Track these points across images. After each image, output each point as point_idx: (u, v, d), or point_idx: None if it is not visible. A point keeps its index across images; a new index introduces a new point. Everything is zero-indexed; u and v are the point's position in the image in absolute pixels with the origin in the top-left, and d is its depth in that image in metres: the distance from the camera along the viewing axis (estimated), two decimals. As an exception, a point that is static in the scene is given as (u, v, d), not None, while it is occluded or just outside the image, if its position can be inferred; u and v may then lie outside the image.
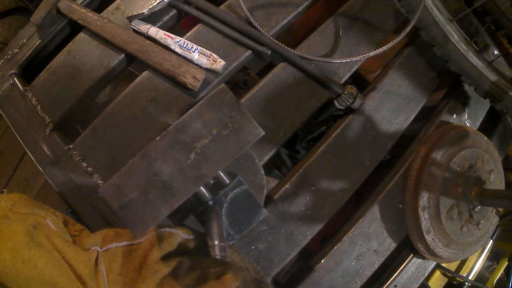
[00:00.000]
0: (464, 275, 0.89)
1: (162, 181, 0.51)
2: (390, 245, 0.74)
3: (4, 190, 1.23)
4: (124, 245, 0.53)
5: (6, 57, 0.79)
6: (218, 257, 0.50)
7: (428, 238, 0.70)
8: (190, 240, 0.54)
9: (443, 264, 0.84)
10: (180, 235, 0.54)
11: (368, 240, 0.73)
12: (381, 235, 0.74)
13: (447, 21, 0.72)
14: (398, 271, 0.75)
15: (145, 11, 0.69)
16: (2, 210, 0.50)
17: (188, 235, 0.54)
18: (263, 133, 0.53)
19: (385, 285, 0.75)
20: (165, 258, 0.52)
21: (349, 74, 0.77)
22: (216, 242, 0.51)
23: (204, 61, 0.69)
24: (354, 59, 0.72)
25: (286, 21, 0.76)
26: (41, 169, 0.72)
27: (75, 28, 0.77)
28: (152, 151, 0.52)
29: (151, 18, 0.72)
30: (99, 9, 0.77)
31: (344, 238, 0.72)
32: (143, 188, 0.51)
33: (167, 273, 0.50)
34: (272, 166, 1.17)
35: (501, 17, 0.79)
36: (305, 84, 0.74)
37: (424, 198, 0.70)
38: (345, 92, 0.72)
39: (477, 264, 0.90)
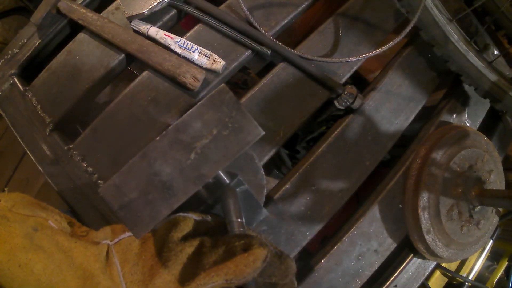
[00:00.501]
0: (464, 275, 0.89)
1: (162, 181, 0.51)
2: (390, 245, 0.74)
3: (5, 189, 1.23)
4: None
5: (6, 57, 0.79)
6: (237, 232, 0.49)
7: (428, 238, 0.70)
8: (204, 222, 0.53)
9: (443, 264, 0.84)
10: (194, 218, 0.52)
11: (368, 240, 0.73)
12: (381, 235, 0.74)
13: (447, 21, 0.72)
14: (398, 271, 0.75)
15: (145, 11, 0.69)
16: (1, 210, 0.49)
17: (202, 217, 0.53)
18: (263, 133, 0.53)
19: (385, 285, 0.75)
20: (184, 239, 0.50)
21: (349, 74, 0.77)
22: (234, 219, 0.51)
23: (204, 61, 0.69)
24: (354, 59, 0.72)
25: (286, 21, 0.76)
26: (41, 169, 0.72)
27: (75, 28, 0.77)
28: (152, 151, 0.52)
29: (151, 18, 0.72)
30: (99, 9, 0.77)
31: (344, 238, 0.72)
32: (143, 188, 0.51)
33: (191, 252, 0.48)
34: (272, 166, 1.17)
35: (501, 17, 0.79)
36: (305, 84, 0.74)
37: (424, 198, 0.70)
38: (345, 92, 0.72)
39: (477, 264, 0.90)
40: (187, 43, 0.69)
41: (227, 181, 0.58)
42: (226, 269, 0.44)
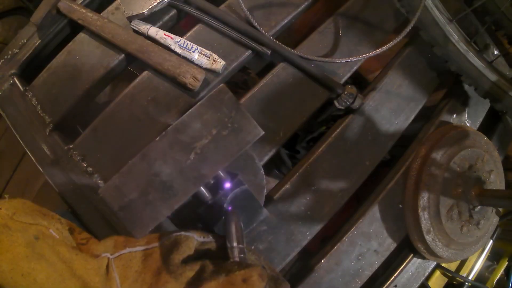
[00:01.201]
0: (464, 275, 0.89)
1: (162, 182, 0.51)
2: (390, 245, 0.74)
3: (6, 196, 1.22)
4: (138, 250, 0.52)
5: (6, 57, 0.79)
6: (237, 259, 0.50)
7: (428, 238, 0.70)
8: (206, 243, 0.53)
9: (443, 264, 0.84)
10: (196, 238, 0.53)
11: (368, 240, 0.73)
12: (381, 235, 0.74)
13: (447, 21, 0.72)
14: (398, 271, 0.75)
15: (145, 11, 0.69)
16: (2, 219, 0.48)
17: (204, 237, 0.54)
18: (263, 133, 0.53)
19: (385, 285, 0.75)
20: (185, 262, 0.50)
21: (349, 74, 0.77)
22: (235, 244, 0.51)
23: (204, 61, 0.68)
24: (354, 59, 0.72)
25: (286, 21, 0.76)
26: (41, 169, 0.72)
27: (75, 28, 0.77)
28: (152, 151, 0.52)
29: (151, 18, 0.72)
30: (99, 9, 0.77)
31: (344, 238, 0.72)
32: (143, 189, 0.51)
33: (191, 277, 0.49)
34: (272, 166, 1.17)
35: (501, 17, 0.78)
36: (305, 84, 0.74)
37: (424, 198, 0.70)
38: (345, 92, 0.72)
39: (477, 264, 0.90)
40: (187, 43, 0.69)
41: (228, 181, 0.58)
42: None
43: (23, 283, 0.45)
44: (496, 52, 0.86)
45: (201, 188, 0.56)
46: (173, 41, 0.69)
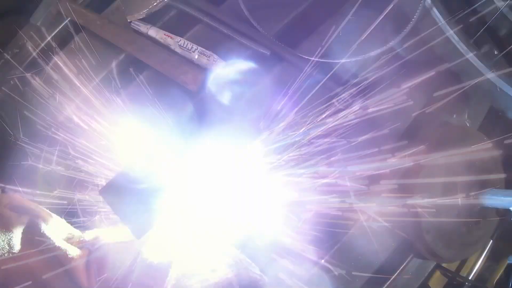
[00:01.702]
0: (464, 275, 0.89)
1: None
2: (390, 245, 0.74)
3: None
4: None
5: (6, 57, 0.79)
6: None
7: (428, 238, 0.70)
8: None
9: (443, 264, 0.84)
10: None
11: (368, 240, 0.73)
12: (381, 235, 0.73)
13: (447, 22, 0.72)
14: (398, 271, 0.75)
15: (145, 11, 0.69)
16: None
17: None
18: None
19: (385, 285, 0.74)
20: None
21: (349, 74, 0.77)
22: None
23: (204, 61, 0.69)
24: (354, 59, 0.72)
25: (286, 21, 0.76)
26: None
27: (75, 28, 0.77)
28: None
29: (151, 18, 0.72)
30: (99, 9, 0.77)
31: (344, 238, 0.71)
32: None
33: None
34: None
35: (501, 17, 0.78)
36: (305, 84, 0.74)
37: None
38: (345, 92, 0.72)
39: (477, 264, 0.90)
40: (187, 43, 0.69)
41: None
42: None
43: None
44: (496, 52, 0.86)
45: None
46: (173, 41, 0.69)
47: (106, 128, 0.65)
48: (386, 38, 0.78)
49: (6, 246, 0.47)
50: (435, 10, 0.70)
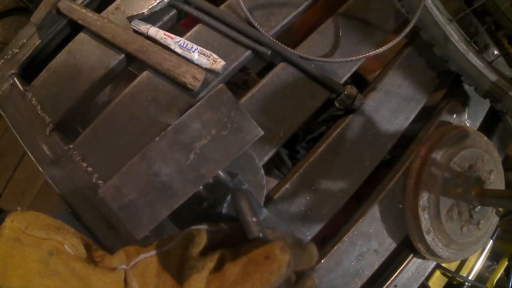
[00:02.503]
0: (464, 275, 0.89)
1: (161, 182, 0.51)
2: (390, 245, 0.74)
3: (18, 208, 1.21)
4: (153, 255, 0.50)
5: (6, 57, 0.79)
6: (255, 233, 0.48)
7: (428, 238, 0.70)
8: (219, 232, 0.51)
9: (443, 264, 0.84)
10: (208, 229, 0.50)
11: (368, 240, 0.73)
12: (381, 235, 0.74)
13: (447, 21, 0.72)
14: (398, 271, 0.75)
15: (145, 11, 0.69)
16: (14, 232, 0.45)
17: (215, 227, 0.52)
18: (262, 133, 0.53)
19: (385, 285, 0.75)
20: (203, 254, 0.48)
21: (349, 74, 0.77)
22: (250, 219, 0.49)
23: (204, 61, 0.68)
24: (354, 59, 0.72)
25: (286, 21, 0.76)
26: (41, 169, 0.72)
27: (75, 28, 0.77)
28: (152, 151, 0.52)
29: (151, 18, 0.72)
30: (99, 9, 0.77)
31: (344, 238, 0.72)
32: (143, 189, 0.51)
33: (212, 267, 0.47)
34: (272, 166, 1.18)
35: (501, 17, 0.78)
36: (305, 84, 0.74)
37: (424, 198, 0.70)
38: (345, 92, 0.72)
39: (477, 264, 0.90)
40: (187, 43, 0.69)
41: (228, 181, 0.58)
42: (252, 280, 0.43)
43: None
44: (496, 52, 0.86)
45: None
46: (173, 41, 0.69)
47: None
48: (386, 38, 0.78)
49: None
50: (435, 10, 0.70)
